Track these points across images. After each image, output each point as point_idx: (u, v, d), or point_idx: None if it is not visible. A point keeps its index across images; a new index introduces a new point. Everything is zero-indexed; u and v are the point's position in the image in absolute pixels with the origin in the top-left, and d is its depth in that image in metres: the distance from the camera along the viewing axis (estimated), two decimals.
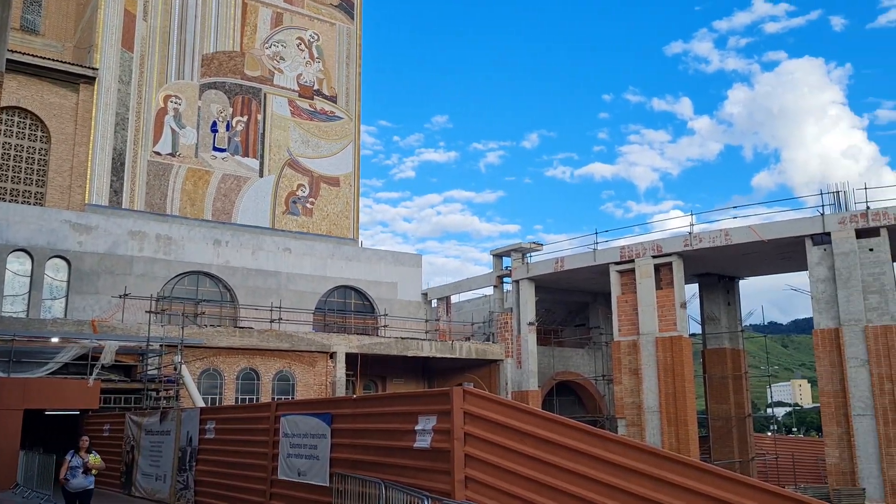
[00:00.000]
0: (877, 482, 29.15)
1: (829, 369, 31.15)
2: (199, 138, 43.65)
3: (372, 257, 45.39)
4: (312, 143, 47.58)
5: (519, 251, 42.23)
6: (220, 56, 45.30)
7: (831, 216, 31.76)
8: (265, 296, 39.86)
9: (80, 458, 14.71)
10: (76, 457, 14.74)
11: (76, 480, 14.55)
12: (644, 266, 36.35)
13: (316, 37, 49.33)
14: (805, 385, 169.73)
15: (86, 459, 14.69)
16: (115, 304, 34.40)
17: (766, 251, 35.17)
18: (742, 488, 7.75)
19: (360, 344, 36.67)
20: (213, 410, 20.37)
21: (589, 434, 8.82)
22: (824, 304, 31.56)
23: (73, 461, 14.66)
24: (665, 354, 35.00)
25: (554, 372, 42.71)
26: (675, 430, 34.27)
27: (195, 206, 42.61)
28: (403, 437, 10.71)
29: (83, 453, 14.84)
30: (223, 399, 32.43)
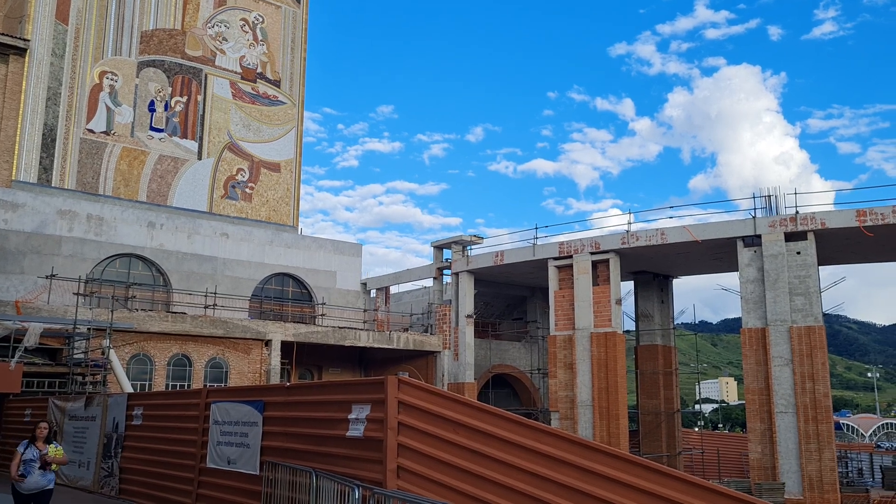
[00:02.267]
0: (796, 477, 30.27)
1: (755, 367, 32.17)
2: (136, 117, 42.39)
3: (311, 245, 44.89)
4: (254, 127, 46.71)
5: (459, 244, 42.35)
6: (160, 33, 44.04)
7: (762, 219, 32.76)
8: (200, 281, 39.03)
9: (35, 450, 11.52)
10: (31, 448, 11.54)
11: (32, 478, 11.36)
12: (582, 262, 36.87)
13: (261, 19, 48.40)
14: (732, 382, 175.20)
15: (44, 451, 11.55)
16: (41, 285, 33.19)
17: (700, 251, 36.08)
18: (667, 480, 7.92)
19: (296, 332, 36.25)
20: (141, 396, 19.85)
21: (521, 425, 8.88)
22: (752, 305, 32.55)
23: (26, 453, 11.47)
24: (599, 350, 35.60)
25: (490, 365, 43.02)
26: (606, 423, 34.92)
27: (129, 187, 41.40)
28: (337, 426, 10.60)
29: (40, 444, 11.65)
30: (153, 385, 31.65)
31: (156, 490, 15.12)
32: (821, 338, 31.02)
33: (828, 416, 30.70)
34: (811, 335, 31.00)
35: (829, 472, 30.00)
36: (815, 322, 31.14)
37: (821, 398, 30.47)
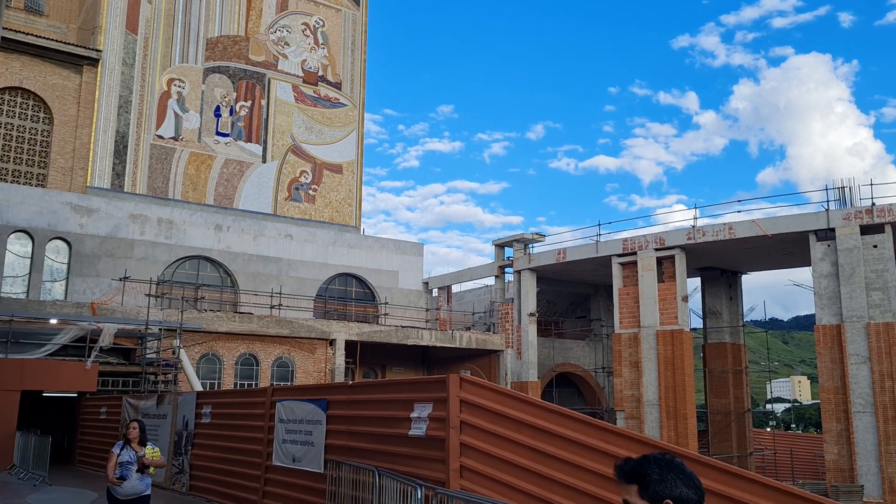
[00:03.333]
0: (875, 479, 29.06)
1: (830, 366, 31.01)
2: (203, 123, 43.47)
3: (373, 245, 45.26)
4: (316, 129, 47.37)
5: (521, 242, 42.08)
6: (225, 40, 45.06)
7: (836, 212, 31.56)
8: (266, 282, 39.77)
9: (132, 452, 10.14)
10: (127, 449, 10.12)
11: (130, 483, 9.95)
12: (646, 259, 36.18)
13: (321, 22, 49.05)
14: (804, 381, 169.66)
15: (141, 453, 10.17)
16: (115, 287, 34.31)
17: (770, 246, 34.99)
18: (738, 481, 7.63)
19: (359, 332, 36.57)
20: (209, 395, 20.28)
21: (587, 424, 8.70)
22: (826, 301, 31.40)
23: (122, 455, 10.05)
24: (666, 348, 34.88)
25: (554, 363, 42.63)
26: (674, 423, 34.19)
27: (197, 191, 42.47)
28: (399, 425, 10.58)
29: (135, 445, 10.25)
30: (222, 384, 32.37)
31: (224, 487, 15.40)
32: None
33: None
34: (890, 332, 29.70)
35: None
36: (893, 318, 29.83)
37: None
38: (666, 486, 2.67)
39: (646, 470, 2.72)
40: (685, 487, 2.68)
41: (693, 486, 2.70)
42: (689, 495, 2.67)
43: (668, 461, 2.75)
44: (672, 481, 2.69)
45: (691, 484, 2.70)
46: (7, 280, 33.40)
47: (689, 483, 2.70)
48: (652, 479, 2.70)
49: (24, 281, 33.88)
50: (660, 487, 2.66)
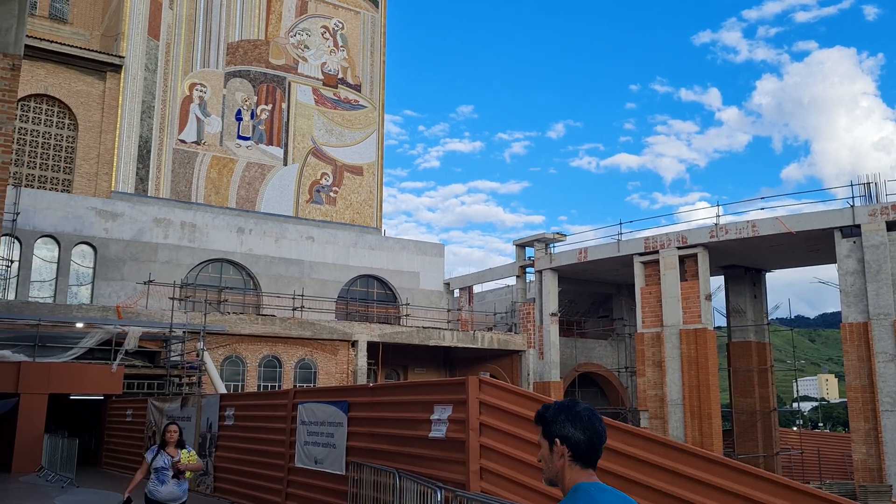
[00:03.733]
0: None
1: (857, 364, 30.60)
2: (224, 126, 43.83)
3: (395, 246, 45.37)
4: (336, 131, 47.59)
5: (542, 241, 41.96)
6: (245, 44, 45.40)
7: (861, 208, 31.12)
8: (288, 284, 40.01)
9: (167, 457, 9.68)
10: (162, 454, 9.67)
11: (167, 487, 9.55)
12: (668, 257, 35.93)
13: (340, 25, 49.26)
14: (832, 380, 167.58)
15: (176, 458, 9.73)
16: (139, 291, 34.71)
17: (794, 243, 34.59)
18: (763, 484, 7.55)
19: (381, 333, 36.68)
20: (232, 397, 20.45)
21: (608, 427, 8.66)
22: (853, 298, 30.98)
23: (156, 461, 9.61)
24: (689, 347, 34.61)
25: (576, 363, 42.46)
26: (698, 423, 33.92)
27: (219, 194, 42.84)
28: (419, 427, 10.60)
29: (171, 449, 9.80)
30: (245, 386, 32.63)
31: (248, 489, 15.52)
32: None
33: None
34: None
35: None
36: None
37: None
38: (556, 427, 2.97)
39: (544, 413, 3.06)
40: (573, 428, 2.94)
41: (582, 428, 2.94)
42: (576, 435, 2.92)
43: (563, 405, 3.03)
44: (562, 423, 2.97)
45: (580, 425, 2.94)
46: (34, 284, 33.90)
47: (577, 425, 2.95)
48: (547, 420, 3.03)
49: (51, 285, 34.37)
50: (553, 427, 2.98)
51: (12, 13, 10.46)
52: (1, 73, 10.43)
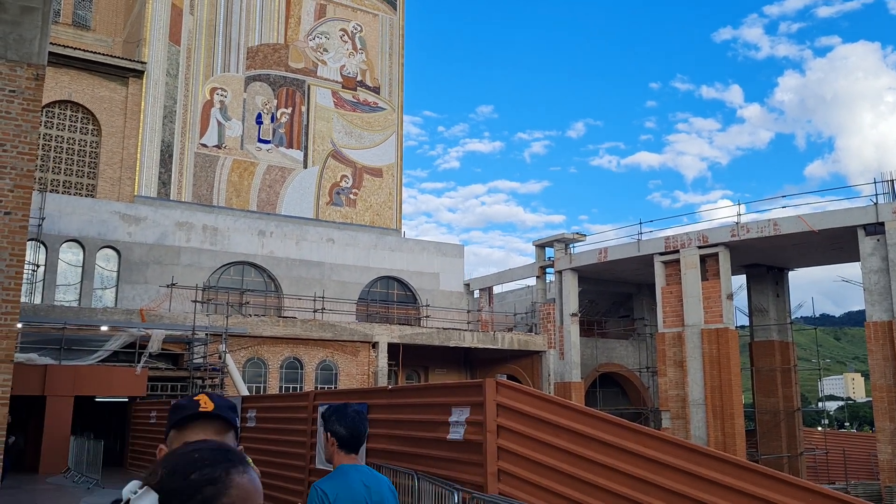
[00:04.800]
0: None
1: (882, 363, 30.25)
2: (245, 130, 44.21)
3: (414, 248, 45.51)
4: (356, 133, 47.82)
5: (562, 241, 41.89)
6: (265, 48, 45.77)
7: (885, 205, 30.77)
8: (309, 286, 40.27)
9: None
10: None
11: None
12: (689, 257, 35.74)
13: (359, 28, 49.50)
14: (858, 378, 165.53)
15: None
16: (162, 294, 35.12)
17: (817, 242, 34.26)
18: (782, 486, 7.54)
19: (401, 334, 36.81)
20: (254, 399, 20.65)
21: (623, 428, 8.67)
22: (877, 296, 30.64)
23: None
24: (711, 346, 34.40)
25: (597, 363, 42.34)
26: (720, 423, 33.70)
27: (240, 198, 43.22)
28: (437, 429, 10.67)
29: None
30: (267, 388, 32.90)
31: (269, 489, 15.67)
32: None
33: None
34: None
35: None
36: None
37: None
38: (329, 424, 3.97)
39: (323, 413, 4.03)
40: (338, 425, 3.94)
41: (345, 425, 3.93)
42: (340, 431, 3.94)
43: (336, 408, 4.00)
44: (333, 421, 3.96)
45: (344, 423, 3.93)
46: (60, 288, 34.42)
47: (342, 422, 3.94)
48: (324, 418, 4.01)
49: (76, 289, 34.87)
50: (327, 424, 3.98)
51: (36, 24, 10.68)
52: (25, 83, 10.65)
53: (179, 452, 1.74)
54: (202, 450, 1.73)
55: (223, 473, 1.68)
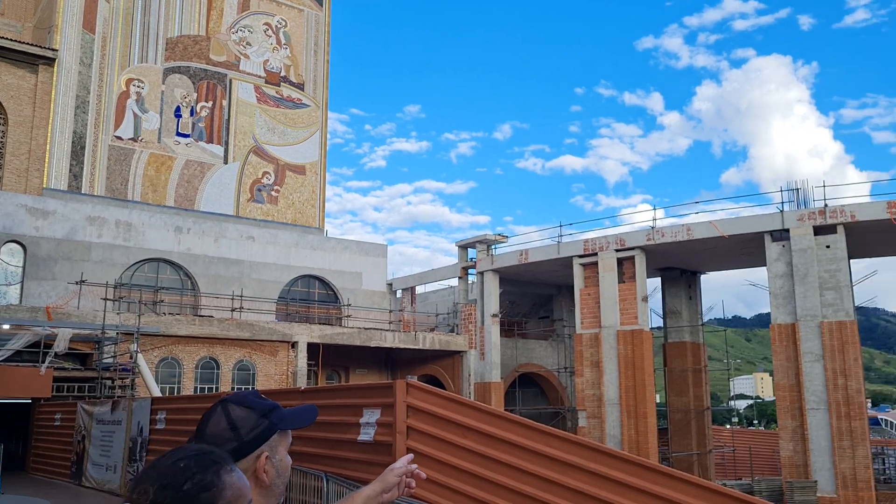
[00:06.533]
0: (829, 475, 29.71)
1: (786, 363, 31.63)
2: (163, 123, 42.93)
3: (337, 247, 45.11)
4: (279, 130, 47.05)
5: (484, 243, 42.24)
6: (185, 40, 44.56)
7: (790, 213, 32.18)
8: (227, 284, 39.42)
9: None
10: None
11: None
12: (607, 259, 36.55)
13: (283, 23, 48.73)
14: (766, 378, 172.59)
15: None
16: (71, 291, 33.78)
17: (728, 246, 35.56)
18: (681, 484, 7.79)
19: (322, 334, 36.43)
20: (164, 400, 20.09)
21: (530, 428, 8.81)
22: (782, 300, 32.01)
23: None
24: (626, 347, 35.27)
25: (517, 363, 42.86)
26: (634, 422, 34.59)
27: (157, 193, 41.95)
28: (349, 430, 10.61)
29: None
30: (182, 389, 32.04)
31: None
32: (853, 333, 30.39)
33: (861, 412, 30.07)
34: (842, 330, 30.38)
35: (863, 469, 29.39)
36: (846, 317, 30.52)
37: (853, 394, 29.85)
38: None
39: None
40: None
41: None
42: None
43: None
44: None
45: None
46: None
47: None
48: None
49: None
50: None
51: None
52: None
53: (163, 465, 1.73)
54: (186, 457, 1.74)
55: (214, 477, 1.71)
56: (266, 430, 2.19)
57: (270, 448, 2.18)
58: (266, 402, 2.27)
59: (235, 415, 2.19)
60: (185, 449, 1.81)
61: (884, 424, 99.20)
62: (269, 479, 2.14)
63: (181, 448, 1.83)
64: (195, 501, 1.65)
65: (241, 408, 2.22)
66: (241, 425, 2.17)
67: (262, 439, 2.17)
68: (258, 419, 2.19)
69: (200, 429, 2.20)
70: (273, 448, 2.19)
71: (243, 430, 2.16)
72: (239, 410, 2.21)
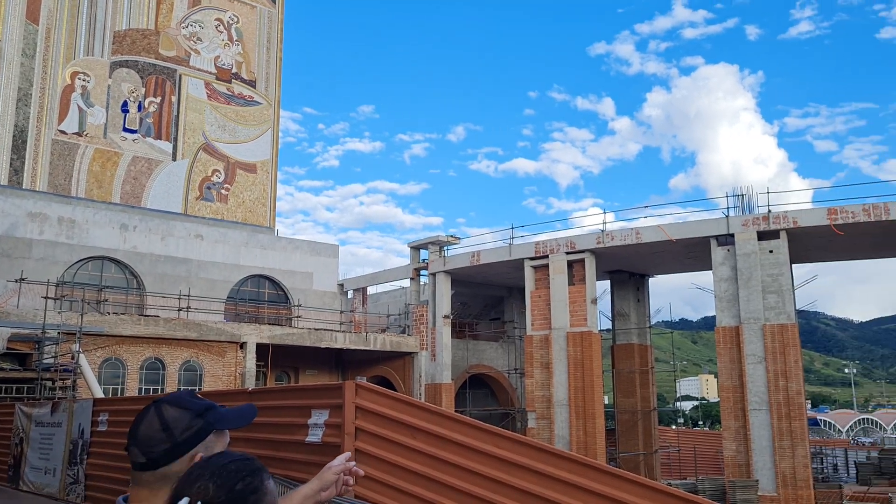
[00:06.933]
0: (769, 474, 30.46)
1: (729, 365, 32.34)
2: (109, 118, 41.94)
3: (287, 246, 44.64)
4: (229, 127, 46.37)
5: (436, 244, 42.26)
6: (133, 34, 43.61)
7: (735, 218, 32.93)
8: (174, 283, 38.69)
9: None
10: None
11: None
12: (557, 262, 36.90)
13: (235, 19, 48.06)
14: (712, 379, 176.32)
15: None
16: (10, 289, 32.75)
17: (675, 250, 36.22)
18: (626, 484, 7.88)
19: (271, 334, 36.01)
20: (106, 402, 19.60)
21: (479, 429, 8.81)
22: (726, 303, 32.72)
23: None
24: (575, 349, 35.64)
25: (468, 365, 42.98)
26: (583, 423, 34.98)
27: (103, 189, 40.96)
28: (297, 432, 10.48)
29: None
30: (126, 390, 31.34)
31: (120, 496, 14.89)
32: (793, 335, 31.23)
33: (801, 413, 30.92)
34: (784, 333, 31.20)
35: (802, 468, 30.21)
36: (787, 320, 31.35)
37: (794, 395, 30.67)
38: None
39: None
40: None
41: None
42: None
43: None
44: None
45: None
46: None
47: None
48: None
49: None
50: None
51: None
52: None
53: (217, 465, 1.93)
54: (236, 461, 1.97)
55: (260, 482, 1.95)
56: (200, 430, 2.15)
57: (206, 448, 2.14)
58: (201, 401, 2.22)
59: (168, 415, 2.14)
60: (230, 454, 2.01)
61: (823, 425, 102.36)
62: None
63: (225, 453, 2.05)
64: (245, 502, 1.87)
65: (175, 408, 2.17)
66: (175, 426, 2.12)
67: (196, 440, 2.13)
68: (192, 419, 2.15)
69: (133, 431, 2.14)
70: (209, 448, 2.15)
71: (176, 430, 2.12)
72: (172, 411, 2.16)
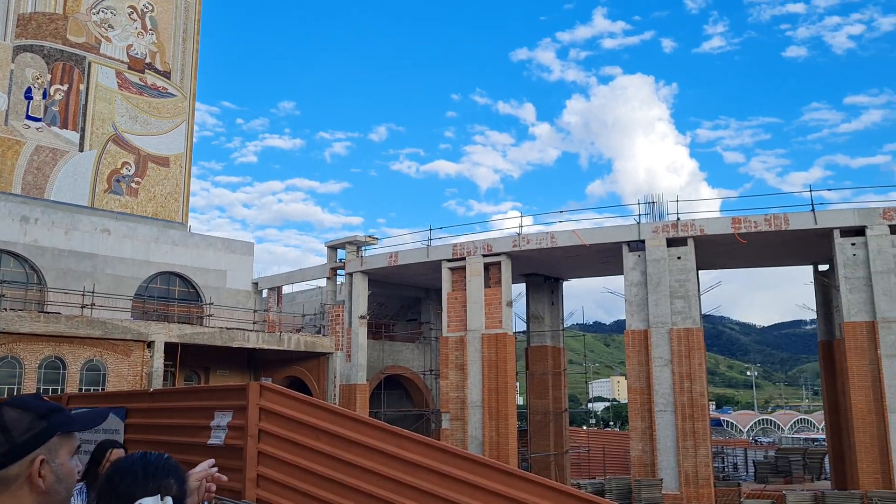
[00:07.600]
0: (673, 473, 31.49)
1: (638, 367, 33.26)
2: (11, 105, 39.96)
3: (200, 243, 43.50)
4: (141, 119, 44.86)
5: (354, 244, 41.96)
6: (40, 17, 41.69)
7: (646, 225, 33.91)
8: (78, 279, 37.16)
9: None
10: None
11: None
12: (474, 264, 37.19)
13: (150, 7, 46.54)
14: (623, 381, 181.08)
15: None
16: None
17: (589, 255, 37.01)
18: (520, 482, 8.01)
19: (181, 333, 35.00)
20: None
21: (383, 431, 8.81)
22: (636, 307, 33.65)
23: None
24: (490, 351, 35.99)
25: (384, 366, 42.84)
26: (496, 423, 35.35)
27: (2, 179, 38.98)
28: (199, 434, 10.24)
29: None
30: (23, 390, 29.86)
31: None
32: (699, 339, 32.38)
33: (703, 414, 32.09)
34: (690, 336, 32.30)
35: (703, 467, 31.34)
36: (693, 324, 32.47)
37: (697, 397, 31.80)
38: None
39: None
40: None
41: None
42: None
43: None
44: None
45: None
46: None
47: None
48: None
49: None
50: None
51: None
52: None
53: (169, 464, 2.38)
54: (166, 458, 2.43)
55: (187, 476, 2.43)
56: (42, 432, 2.07)
57: (48, 452, 2.06)
58: (47, 403, 2.14)
59: (7, 417, 2.06)
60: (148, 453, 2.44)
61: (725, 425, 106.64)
62: (47, 484, 2.03)
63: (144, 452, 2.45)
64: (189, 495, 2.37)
65: (16, 410, 2.09)
66: (13, 427, 2.04)
67: (37, 442, 2.05)
68: (33, 421, 2.07)
69: None
70: (52, 452, 2.07)
71: (15, 432, 2.04)
72: (12, 413, 2.08)
